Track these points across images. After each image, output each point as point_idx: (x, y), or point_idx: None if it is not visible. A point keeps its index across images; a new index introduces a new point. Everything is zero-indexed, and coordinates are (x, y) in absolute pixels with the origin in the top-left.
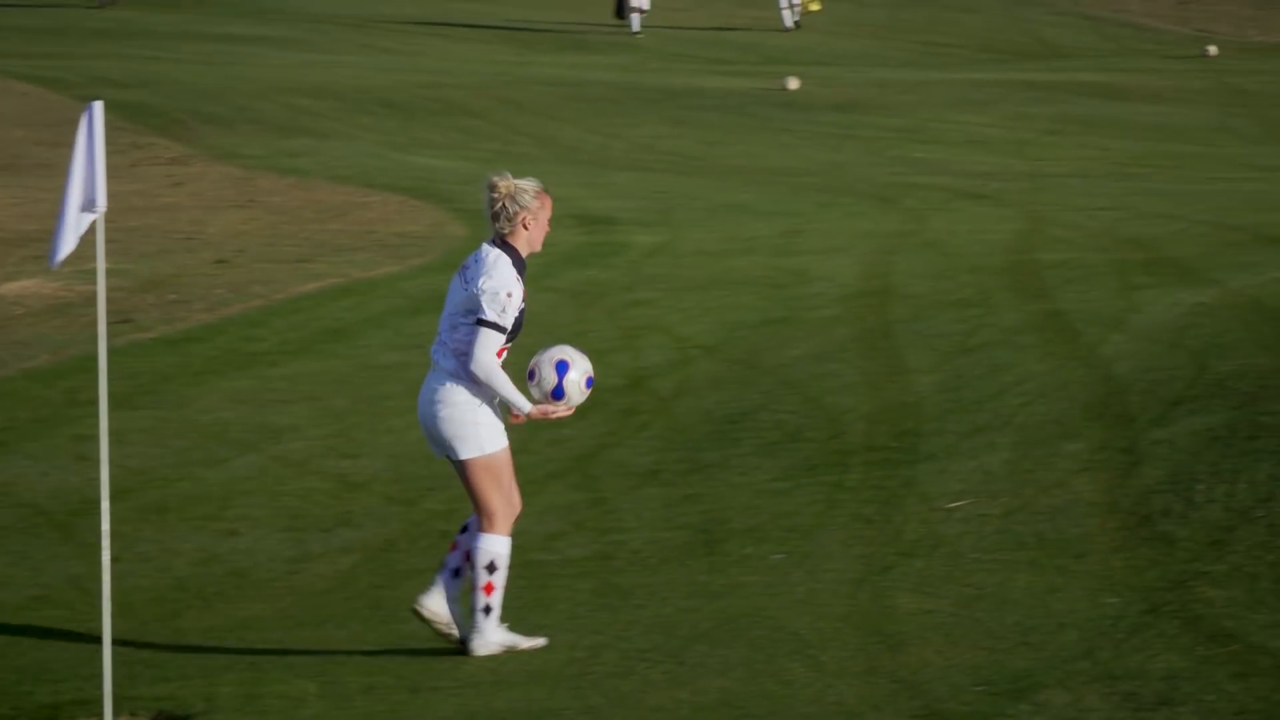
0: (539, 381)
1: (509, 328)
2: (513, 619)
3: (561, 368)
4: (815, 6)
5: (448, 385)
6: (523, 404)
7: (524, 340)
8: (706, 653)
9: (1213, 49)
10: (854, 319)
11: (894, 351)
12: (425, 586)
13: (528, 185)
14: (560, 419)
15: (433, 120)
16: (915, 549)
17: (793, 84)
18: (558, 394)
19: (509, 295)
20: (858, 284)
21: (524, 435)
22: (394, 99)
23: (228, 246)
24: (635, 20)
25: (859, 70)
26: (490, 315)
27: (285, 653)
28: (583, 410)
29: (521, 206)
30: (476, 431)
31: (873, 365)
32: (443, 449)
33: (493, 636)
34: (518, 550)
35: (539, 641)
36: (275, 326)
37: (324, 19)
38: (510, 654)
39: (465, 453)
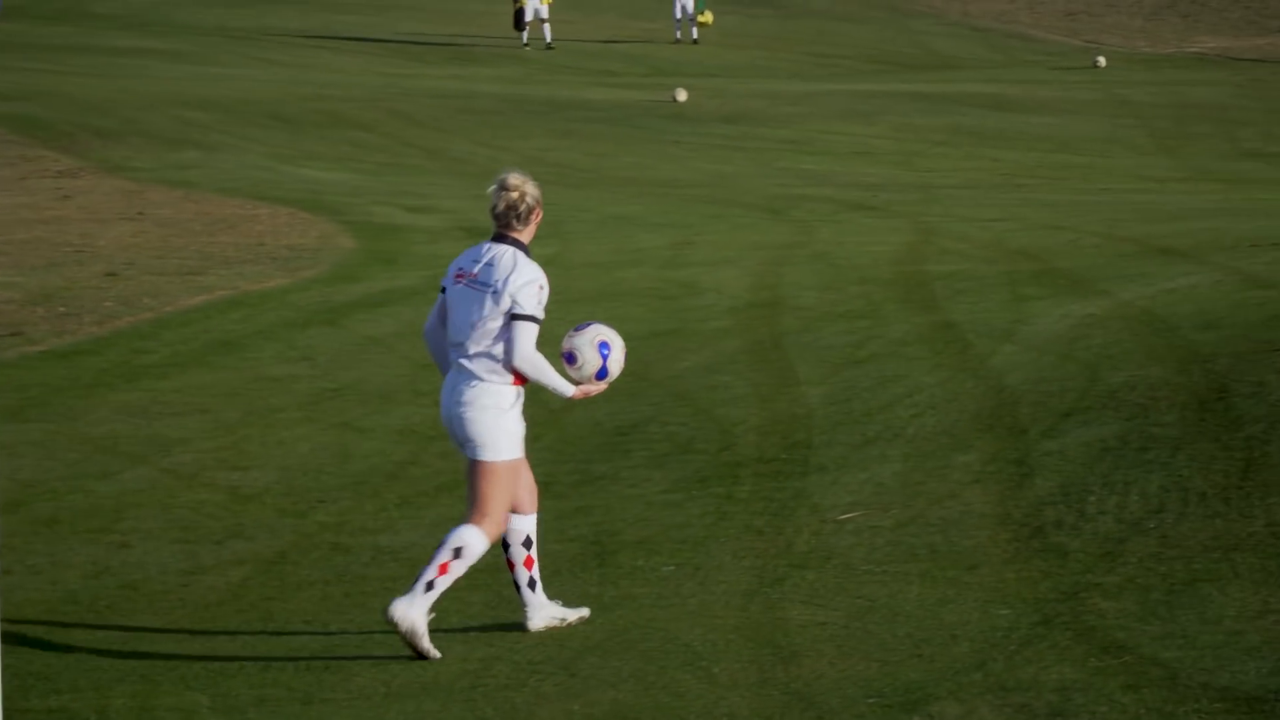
0: (581, 365)
1: (542, 319)
2: None
3: (604, 348)
4: (705, 18)
5: (476, 387)
6: (566, 389)
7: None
8: (598, 665)
9: (1102, 60)
10: (744, 331)
11: (784, 363)
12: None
13: (530, 179)
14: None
15: (321, 132)
16: (807, 561)
17: (681, 96)
18: (602, 374)
19: (541, 287)
20: (747, 296)
21: (413, 448)
22: (282, 111)
23: (117, 259)
24: (526, 34)
25: (748, 82)
26: (528, 309)
27: (177, 662)
28: None
29: (537, 201)
30: (499, 438)
31: (763, 377)
32: (463, 446)
33: (416, 612)
34: (409, 564)
35: (435, 653)
36: (165, 339)
37: (211, 31)
38: (403, 665)
39: (485, 455)
